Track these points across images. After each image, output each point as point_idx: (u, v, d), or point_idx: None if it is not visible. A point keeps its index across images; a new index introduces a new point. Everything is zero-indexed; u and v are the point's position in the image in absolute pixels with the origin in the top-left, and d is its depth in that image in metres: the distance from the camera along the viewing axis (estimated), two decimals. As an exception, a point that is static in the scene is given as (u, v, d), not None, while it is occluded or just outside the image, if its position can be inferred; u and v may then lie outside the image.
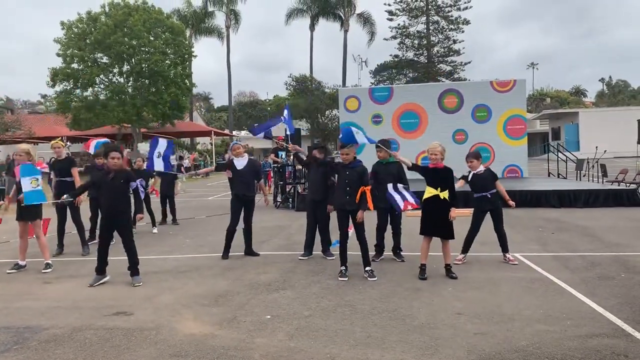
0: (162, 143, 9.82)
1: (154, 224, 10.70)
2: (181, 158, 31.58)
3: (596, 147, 19.08)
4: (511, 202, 7.42)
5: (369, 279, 6.33)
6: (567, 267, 6.73)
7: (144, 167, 10.98)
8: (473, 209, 7.32)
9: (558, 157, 19.75)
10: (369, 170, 7.02)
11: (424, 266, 6.46)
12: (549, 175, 19.82)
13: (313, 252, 7.71)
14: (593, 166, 17.09)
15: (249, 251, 7.94)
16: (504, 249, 7.24)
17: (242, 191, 7.81)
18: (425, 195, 6.48)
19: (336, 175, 6.88)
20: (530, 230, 9.72)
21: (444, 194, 6.38)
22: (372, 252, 7.41)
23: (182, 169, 23.71)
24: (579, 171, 17.67)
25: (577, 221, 10.59)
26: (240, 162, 7.82)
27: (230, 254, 7.82)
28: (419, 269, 6.47)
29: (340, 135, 6.83)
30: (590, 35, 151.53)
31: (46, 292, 6.18)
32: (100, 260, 6.48)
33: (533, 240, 8.66)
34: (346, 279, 6.37)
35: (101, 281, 6.43)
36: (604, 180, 16.15)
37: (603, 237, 8.82)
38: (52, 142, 8.68)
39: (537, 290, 5.72)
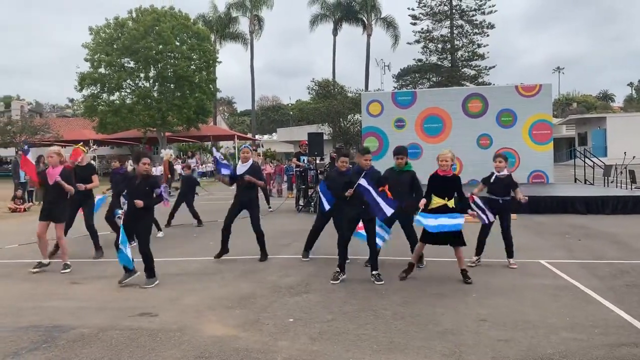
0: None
1: (159, 229, 10.73)
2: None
3: (624, 152, 18.68)
4: (523, 198, 7.13)
5: (375, 282, 6.34)
6: (595, 275, 6.60)
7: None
8: None
9: (585, 162, 19.38)
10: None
11: (412, 266, 6.63)
12: (575, 182, 19.46)
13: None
14: (621, 172, 16.73)
15: (262, 256, 7.91)
16: (509, 254, 7.17)
17: (241, 192, 7.99)
18: (432, 205, 6.44)
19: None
20: (557, 236, 9.56)
21: (451, 203, 6.38)
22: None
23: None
24: (606, 177, 17.32)
25: (605, 228, 10.37)
26: (242, 168, 7.98)
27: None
28: (408, 266, 6.62)
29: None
30: (618, 38, 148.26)
31: (74, 292, 6.31)
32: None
33: (559, 247, 8.51)
34: (338, 282, 6.40)
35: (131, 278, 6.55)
36: (633, 187, 15.80)
37: (632, 244, 8.62)
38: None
39: (563, 298, 5.63)
